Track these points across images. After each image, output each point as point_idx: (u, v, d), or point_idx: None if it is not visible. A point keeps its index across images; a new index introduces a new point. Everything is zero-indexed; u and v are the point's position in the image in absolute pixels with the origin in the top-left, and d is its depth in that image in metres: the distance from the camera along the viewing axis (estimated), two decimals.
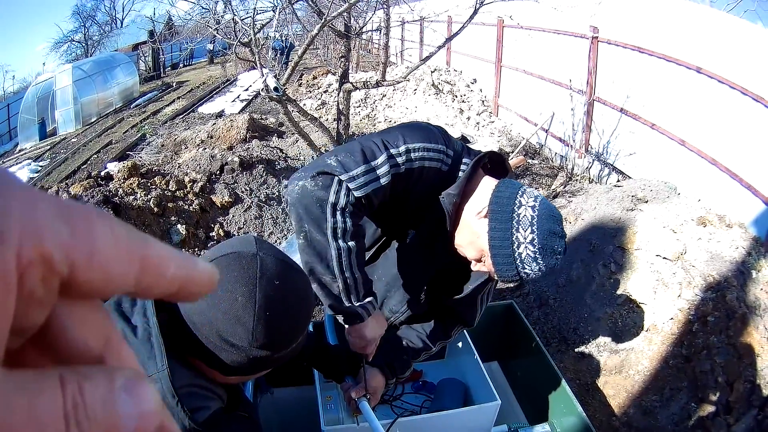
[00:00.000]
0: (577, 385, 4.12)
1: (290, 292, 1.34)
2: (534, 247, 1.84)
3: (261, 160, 6.93)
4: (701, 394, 3.84)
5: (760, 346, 3.94)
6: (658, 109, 6.73)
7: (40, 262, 0.27)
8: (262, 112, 12.48)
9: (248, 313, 1.25)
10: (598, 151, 7.95)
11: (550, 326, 4.60)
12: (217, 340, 1.27)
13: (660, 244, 4.62)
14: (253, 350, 1.28)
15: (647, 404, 3.93)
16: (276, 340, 1.31)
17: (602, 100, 7.78)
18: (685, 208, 5.09)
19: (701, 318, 4.13)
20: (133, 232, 0.33)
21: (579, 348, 4.38)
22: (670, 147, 6.51)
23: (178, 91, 21.18)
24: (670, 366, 4.03)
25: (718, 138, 5.80)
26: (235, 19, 6.81)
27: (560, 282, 4.80)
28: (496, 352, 3.39)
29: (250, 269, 1.28)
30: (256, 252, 1.31)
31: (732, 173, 5.55)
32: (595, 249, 4.86)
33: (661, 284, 4.39)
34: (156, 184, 6.09)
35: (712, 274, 4.32)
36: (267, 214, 6.42)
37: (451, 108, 11.31)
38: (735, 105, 5.52)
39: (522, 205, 1.87)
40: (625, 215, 5.08)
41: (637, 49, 6.92)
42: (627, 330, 4.29)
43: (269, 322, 1.27)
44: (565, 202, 6.30)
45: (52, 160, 13.63)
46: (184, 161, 7.00)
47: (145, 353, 1.22)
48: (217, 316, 1.25)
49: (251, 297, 1.25)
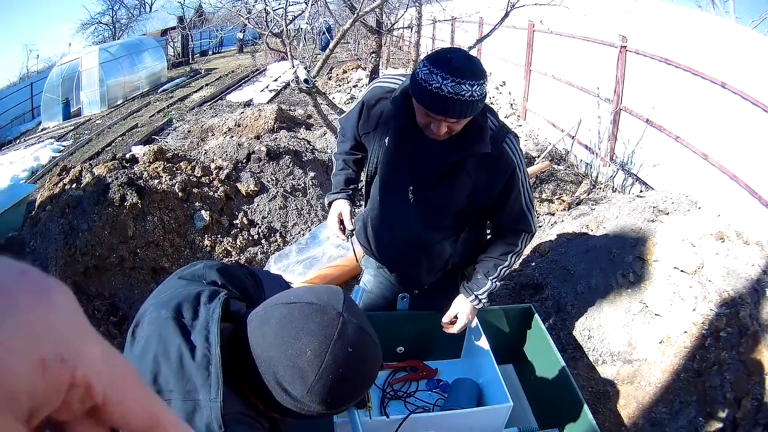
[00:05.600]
0: (590, 393, 4.13)
1: (359, 363, 1.31)
2: (425, 66, 2.15)
3: (288, 151, 6.91)
4: (710, 409, 3.84)
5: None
6: (683, 121, 6.69)
7: (85, 387, 0.40)
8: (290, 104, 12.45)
9: (312, 369, 1.23)
10: (623, 161, 7.92)
11: (566, 332, 4.61)
12: (273, 382, 1.27)
13: (678, 257, 4.62)
14: (305, 403, 1.28)
15: (656, 416, 3.94)
16: (329, 402, 1.29)
17: (628, 109, 7.74)
18: (705, 223, 5.08)
19: (714, 333, 4.13)
20: (156, 397, 0.48)
21: (593, 356, 4.39)
22: (692, 160, 6.48)
23: (206, 78, 21.23)
24: (681, 379, 4.03)
25: (739, 154, 5.78)
26: (267, 9, 6.83)
27: (579, 289, 4.80)
28: (512, 354, 3.41)
29: (329, 328, 1.26)
30: (341, 312, 1.29)
31: (752, 190, 5.53)
32: (615, 258, 4.86)
33: (678, 297, 4.39)
34: (181, 169, 6.12)
35: (728, 289, 4.32)
36: (292, 205, 6.43)
37: None
38: (757, 122, 5.48)
39: None
40: (646, 226, 5.08)
41: (664, 60, 6.88)
42: (641, 341, 4.30)
43: (329, 385, 1.25)
44: (588, 210, 6.29)
45: (75, 140, 13.69)
46: (211, 148, 7.00)
47: (200, 379, 1.23)
48: (281, 360, 1.25)
49: (320, 355, 1.24)
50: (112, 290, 5.25)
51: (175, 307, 1.35)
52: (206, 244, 5.77)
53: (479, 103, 2.17)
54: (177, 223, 5.72)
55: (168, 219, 5.65)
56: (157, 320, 1.33)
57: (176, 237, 5.67)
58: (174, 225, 5.68)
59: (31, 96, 22.24)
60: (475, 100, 2.13)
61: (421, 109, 2.22)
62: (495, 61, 12.79)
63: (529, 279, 5.17)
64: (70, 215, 5.40)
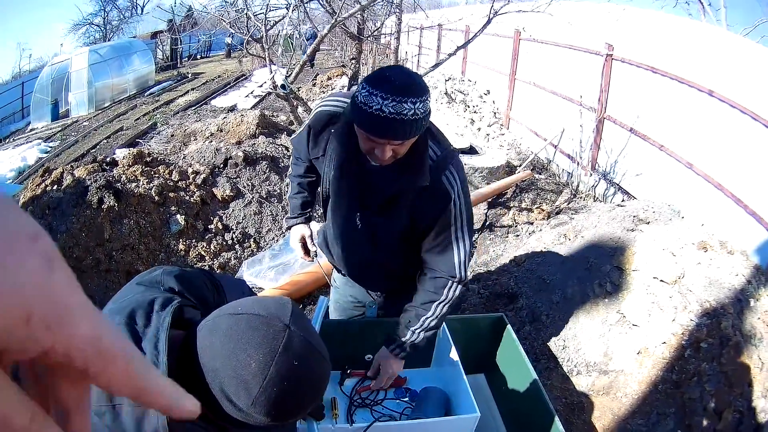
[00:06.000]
0: (563, 404, 4.09)
1: (304, 375, 1.30)
2: (364, 88, 2.06)
3: (265, 157, 6.94)
4: (689, 421, 3.81)
5: (752, 376, 3.90)
6: (668, 130, 6.70)
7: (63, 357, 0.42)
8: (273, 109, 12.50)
9: (256, 381, 1.22)
10: (605, 170, 7.94)
11: (541, 342, 4.57)
12: (219, 392, 1.25)
13: (658, 267, 4.60)
14: (251, 415, 1.26)
15: (633, 428, 3.90)
16: (274, 415, 1.28)
17: (612, 118, 7.77)
18: (687, 232, 5.06)
19: (694, 344, 4.09)
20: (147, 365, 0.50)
21: (568, 366, 4.35)
22: (677, 169, 6.48)
23: (192, 83, 21.29)
24: (659, 391, 4.00)
25: (725, 163, 5.78)
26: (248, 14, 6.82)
27: (554, 299, 4.77)
28: (483, 364, 3.36)
29: (274, 340, 1.25)
30: (288, 324, 1.28)
31: (737, 199, 5.52)
32: (592, 267, 4.83)
33: (657, 307, 4.36)
34: (159, 173, 6.11)
35: (709, 300, 4.29)
36: (267, 211, 6.43)
37: (462, 118, 11.30)
38: (745, 130, 5.49)
39: None
40: (625, 235, 5.06)
41: (650, 68, 6.90)
42: (618, 351, 4.26)
43: (273, 398, 1.24)
44: (567, 219, 6.28)
45: (62, 141, 13.69)
46: (189, 153, 7.01)
47: None
48: (226, 372, 1.24)
49: (265, 368, 1.23)
50: (88, 292, 5.05)
51: (129, 313, 1.33)
52: (181, 248, 5.77)
53: (423, 121, 2.11)
54: (153, 227, 5.71)
55: (144, 222, 5.64)
56: (110, 320, 1.27)
57: (152, 241, 5.67)
58: (150, 229, 5.67)
59: (22, 96, 22.20)
60: (419, 118, 2.07)
61: (363, 134, 2.16)
62: (480, 69, 12.89)
63: (504, 288, 5.14)
64: (50, 216, 5.42)
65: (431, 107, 2.14)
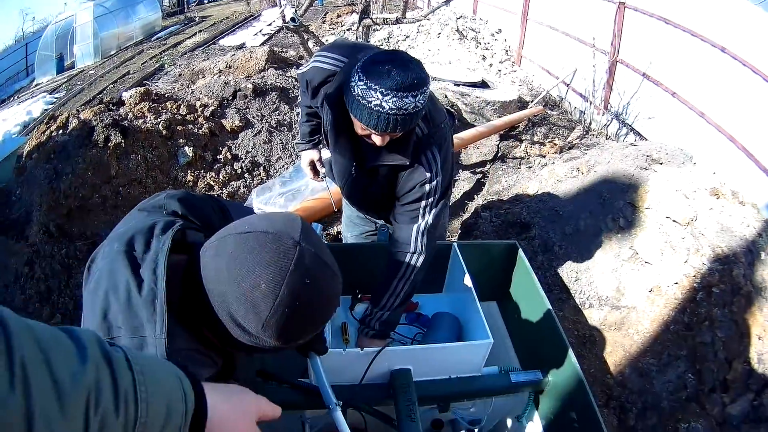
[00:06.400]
0: (575, 336, 4.07)
1: (317, 295, 1.24)
2: (361, 80, 2.02)
3: (275, 88, 6.87)
4: (699, 365, 3.78)
5: (763, 329, 3.86)
6: (680, 79, 6.65)
7: None
8: (283, 46, 12.45)
9: (266, 303, 1.16)
10: (618, 111, 7.88)
11: (553, 273, 4.53)
12: (227, 317, 1.21)
13: (671, 207, 4.54)
14: (260, 338, 1.22)
15: (644, 366, 3.88)
16: (285, 337, 1.23)
17: (625, 62, 7.69)
18: (700, 177, 4.98)
19: (706, 287, 4.05)
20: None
21: (580, 299, 4.31)
22: (689, 117, 6.44)
23: (200, 25, 21.12)
24: (671, 331, 3.96)
25: (738, 117, 5.74)
26: None
27: (567, 230, 4.73)
28: (496, 292, 3.31)
29: (284, 259, 1.18)
30: (298, 241, 1.21)
31: (749, 153, 5.47)
32: (605, 202, 4.78)
33: (669, 247, 4.31)
34: (167, 108, 6.05)
35: (721, 246, 4.24)
36: (276, 140, 6.39)
37: (474, 54, 11.24)
38: (757, 89, 5.43)
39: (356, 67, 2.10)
40: (639, 173, 4.99)
41: (663, 19, 6.82)
42: (631, 287, 4.22)
43: (284, 319, 1.19)
44: (580, 154, 6.22)
45: (68, 91, 13.57)
46: (198, 87, 6.93)
47: (146, 315, 1.18)
48: (234, 295, 1.18)
49: (275, 288, 1.16)
50: (95, 230, 5.27)
51: (128, 240, 1.30)
52: (189, 179, 5.75)
53: (423, 109, 2.11)
54: (160, 160, 5.68)
55: (151, 157, 5.61)
56: (110, 254, 1.29)
57: (159, 174, 5.64)
58: (157, 162, 5.65)
59: (26, 55, 22.20)
60: (419, 109, 2.06)
61: (360, 124, 2.14)
62: (491, 9, 12.91)
63: (516, 217, 5.09)
64: (55, 160, 5.39)
65: (445, 41, 2.14)
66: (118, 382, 0.75)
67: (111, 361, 0.76)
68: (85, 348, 0.74)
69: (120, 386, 0.75)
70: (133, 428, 0.77)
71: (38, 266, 4.94)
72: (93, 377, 0.72)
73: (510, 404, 2.86)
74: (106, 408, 0.73)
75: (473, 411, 2.73)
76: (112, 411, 0.73)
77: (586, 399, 2.33)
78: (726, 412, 3.59)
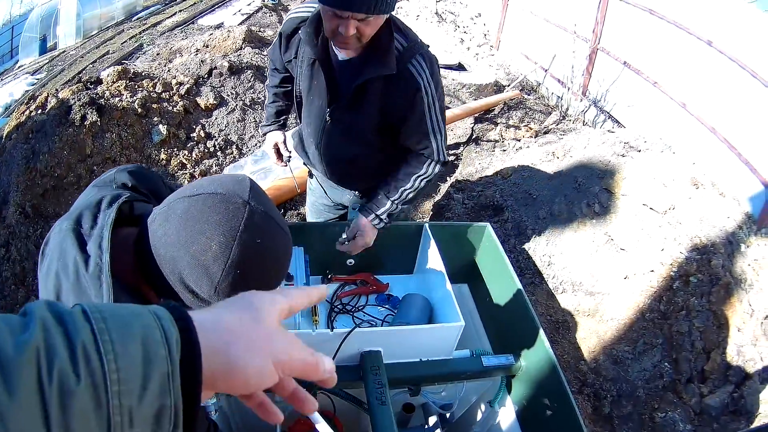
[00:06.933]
0: (548, 322, 4.05)
1: (269, 254, 1.23)
2: None
3: (251, 66, 6.87)
4: (676, 354, 3.78)
5: (742, 321, 3.87)
6: (662, 69, 6.63)
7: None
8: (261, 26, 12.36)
9: (218, 265, 1.15)
10: (596, 98, 7.85)
11: (525, 257, 4.52)
12: (179, 284, 1.19)
13: (648, 195, 4.53)
14: (212, 304, 1.14)
15: (619, 354, 3.87)
16: None
17: (606, 50, 7.65)
18: (678, 166, 4.98)
19: (683, 276, 4.05)
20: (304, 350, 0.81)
21: (553, 284, 4.30)
22: (669, 107, 6.42)
23: (180, 5, 20.93)
24: (647, 319, 3.96)
25: (720, 110, 5.72)
26: None
27: (541, 214, 4.71)
28: (467, 274, 3.28)
29: (234, 219, 1.16)
30: (247, 200, 1.19)
31: (731, 145, 5.46)
32: (581, 187, 4.76)
33: (645, 234, 4.30)
34: (143, 87, 5.99)
35: (700, 236, 4.24)
36: (250, 118, 6.37)
37: (452, 37, 11.22)
38: (743, 84, 5.41)
39: None
40: (616, 159, 4.98)
41: (648, 10, 6.78)
42: (605, 274, 4.21)
43: (237, 281, 1.17)
44: (556, 139, 6.21)
45: (48, 72, 13.47)
46: (174, 65, 6.89)
47: (94, 290, 1.15)
48: (185, 259, 1.16)
49: (226, 249, 1.15)
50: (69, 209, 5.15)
51: (76, 217, 1.28)
52: (162, 157, 5.71)
53: None
54: (135, 138, 5.64)
55: (126, 135, 5.56)
56: (59, 234, 1.27)
57: (133, 152, 5.59)
58: (132, 140, 5.60)
59: (12, 38, 22.12)
60: None
61: (327, 12, 2.12)
62: None
63: (489, 200, 5.07)
64: (33, 140, 5.34)
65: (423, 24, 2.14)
66: (73, 337, 0.60)
67: (62, 318, 0.61)
68: (31, 313, 0.61)
69: (75, 341, 0.59)
70: (105, 388, 0.59)
71: (14, 247, 4.90)
72: (41, 338, 0.58)
73: (482, 389, 2.85)
74: (61, 369, 0.57)
75: (444, 395, 2.72)
76: (70, 371, 0.57)
77: (559, 385, 2.31)
78: (704, 403, 3.59)
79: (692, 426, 3.53)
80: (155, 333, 0.65)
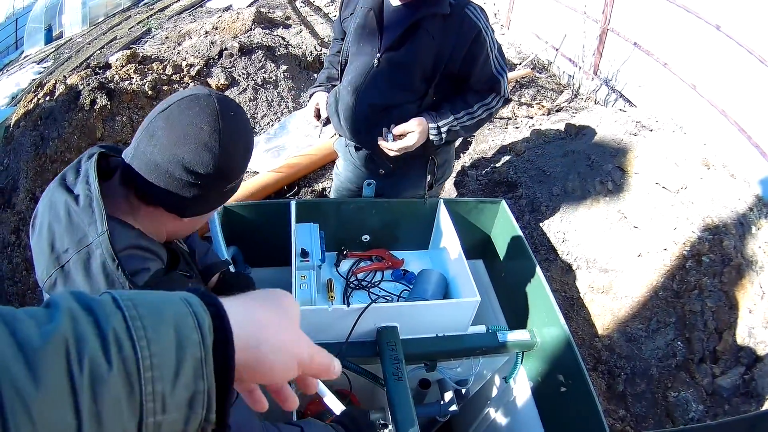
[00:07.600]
0: (562, 298, 4.04)
1: (243, 124, 1.46)
2: None
3: (261, 46, 6.86)
4: (689, 334, 3.76)
5: (753, 302, 3.84)
6: (673, 51, 6.56)
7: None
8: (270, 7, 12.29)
9: (214, 139, 1.35)
10: (607, 77, 7.79)
11: (540, 233, 4.51)
12: (182, 173, 1.35)
13: (661, 174, 4.50)
14: (215, 180, 1.40)
15: (632, 331, 3.86)
16: (235, 167, 1.44)
17: (616, 30, 7.59)
18: (690, 146, 4.95)
19: (695, 256, 4.03)
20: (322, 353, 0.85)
21: (567, 260, 4.29)
22: (680, 88, 6.35)
23: None
24: (660, 297, 3.94)
25: (731, 93, 5.65)
26: None
27: (555, 191, 4.69)
28: (482, 250, 3.29)
29: (208, 105, 1.37)
30: (209, 92, 1.41)
31: (741, 128, 5.41)
32: (594, 164, 4.75)
33: (658, 213, 4.28)
34: (153, 69, 5.99)
35: (711, 216, 4.21)
36: (262, 97, 6.36)
37: None
38: (751, 69, 5.35)
39: None
40: (628, 138, 4.95)
41: None
42: (619, 251, 4.20)
43: (230, 149, 1.39)
44: (569, 117, 6.18)
45: (55, 60, 13.41)
46: (184, 48, 6.88)
47: (86, 220, 1.28)
48: (184, 148, 1.33)
49: (216, 126, 1.35)
50: None
51: (61, 175, 1.41)
52: None
53: None
54: None
55: (137, 117, 5.56)
56: (47, 192, 1.41)
57: None
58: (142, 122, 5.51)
59: (16, 30, 22.07)
60: None
61: None
62: None
63: (503, 177, 5.06)
64: (42, 126, 5.35)
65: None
66: (103, 324, 0.59)
67: (90, 306, 0.60)
68: (55, 304, 0.59)
69: (106, 328, 0.59)
70: (138, 374, 0.59)
71: (24, 234, 4.90)
72: (68, 327, 0.56)
73: (497, 364, 2.84)
74: (92, 357, 0.56)
75: (459, 371, 2.70)
76: (102, 359, 0.57)
77: (574, 361, 2.31)
78: (716, 384, 3.58)
79: (704, 406, 3.52)
80: (187, 318, 0.66)
